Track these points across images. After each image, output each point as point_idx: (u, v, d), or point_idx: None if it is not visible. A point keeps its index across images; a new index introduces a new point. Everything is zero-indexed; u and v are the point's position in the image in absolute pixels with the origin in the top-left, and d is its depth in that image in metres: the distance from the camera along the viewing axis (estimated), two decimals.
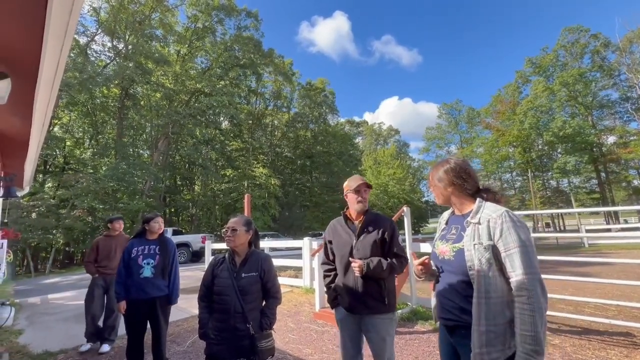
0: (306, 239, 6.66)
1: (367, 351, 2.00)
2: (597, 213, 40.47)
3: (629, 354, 2.98)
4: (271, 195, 27.37)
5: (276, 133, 36.89)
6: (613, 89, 33.64)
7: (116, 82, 20.12)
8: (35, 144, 3.18)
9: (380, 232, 2.00)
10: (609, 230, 19.53)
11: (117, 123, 22.09)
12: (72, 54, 19.00)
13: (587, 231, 16.41)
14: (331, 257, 2.17)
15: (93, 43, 21.20)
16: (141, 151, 27.08)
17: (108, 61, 21.99)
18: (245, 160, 29.68)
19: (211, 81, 25.28)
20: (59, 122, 21.46)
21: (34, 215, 15.62)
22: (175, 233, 16.15)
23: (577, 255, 8.77)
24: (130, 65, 19.96)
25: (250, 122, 32.39)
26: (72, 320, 5.01)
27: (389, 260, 1.93)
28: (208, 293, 1.88)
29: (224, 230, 1.92)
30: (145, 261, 2.75)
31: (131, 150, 24.17)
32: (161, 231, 2.94)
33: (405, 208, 5.26)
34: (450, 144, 46.79)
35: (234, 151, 30.65)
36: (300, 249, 6.89)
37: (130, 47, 21.02)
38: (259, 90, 34.84)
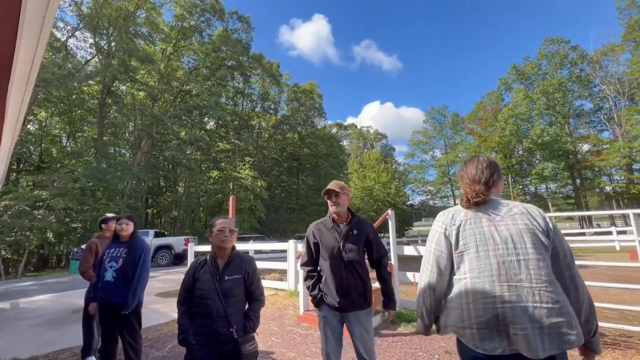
0: (291, 242, 6.63)
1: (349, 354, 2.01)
2: (572, 217, 42.10)
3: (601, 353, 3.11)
4: (257, 197, 27.13)
5: (263, 135, 36.67)
6: (587, 100, 35.36)
7: (97, 79, 19.54)
8: (8, 142, 3.04)
9: (364, 235, 2.19)
10: (583, 234, 20.35)
11: (98, 121, 21.42)
12: (50, 49, 18.37)
13: (563, 235, 17.05)
14: (314, 258, 2.22)
15: (74, 39, 20.55)
16: (123, 151, 26.35)
17: (89, 57, 21.35)
18: (231, 162, 29.33)
19: (197, 81, 24.92)
20: (34, 119, 20.62)
21: (5, 216, 14.91)
22: (157, 235, 15.76)
23: None
24: (114, 62, 19.43)
25: (237, 123, 32.08)
26: (45, 326, 4.79)
27: (383, 275, 2.22)
28: (188, 297, 1.82)
29: (219, 230, 1.86)
30: (110, 264, 2.63)
31: (112, 149, 23.48)
32: (125, 233, 2.79)
33: (389, 211, 5.31)
34: (435, 148, 47.73)
35: (220, 152, 30.25)
36: (285, 251, 6.85)
37: (113, 44, 20.47)
38: (246, 92, 34.60)
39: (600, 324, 3.51)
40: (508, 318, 1.13)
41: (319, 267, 2.20)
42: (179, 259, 14.70)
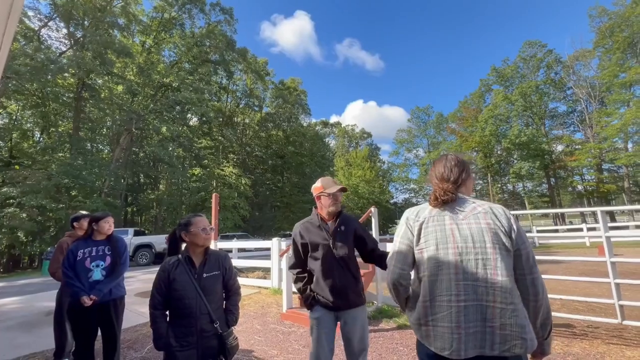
0: (275, 240, 6.61)
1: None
2: (547, 215, 43.98)
3: (569, 343, 3.27)
4: (241, 195, 26.82)
5: (247, 132, 36.23)
6: (562, 102, 36.96)
7: (72, 71, 18.70)
8: None
9: (352, 230, 2.18)
10: (556, 230, 21.28)
11: (73, 116, 20.54)
12: (20, 39, 17.46)
13: (538, 232, 17.77)
14: (303, 259, 2.15)
15: (47, 29, 19.56)
16: (101, 147, 25.42)
17: (64, 49, 20.39)
18: (215, 159, 28.84)
19: (179, 76, 24.29)
20: (3, 112, 19.56)
21: None
22: (137, 234, 15.31)
23: None
24: (89, 54, 18.64)
25: (221, 119, 31.54)
26: (16, 329, 4.58)
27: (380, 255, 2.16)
28: (163, 300, 1.78)
29: (202, 228, 1.85)
30: (93, 264, 2.57)
31: (89, 145, 22.60)
32: (111, 232, 2.76)
33: (373, 209, 5.39)
34: (418, 147, 48.61)
35: (203, 149, 29.68)
36: (269, 249, 6.82)
37: (88, 35, 19.62)
38: (230, 88, 34.04)
39: (570, 316, 3.70)
40: (461, 316, 1.13)
41: (308, 268, 2.15)
42: (160, 257, 14.35)
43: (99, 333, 2.60)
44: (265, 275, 7.83)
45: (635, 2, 27.10)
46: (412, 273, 1.34)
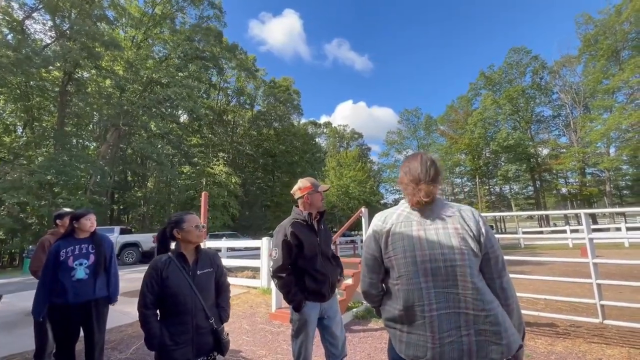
0: (264, 239, 6.56)
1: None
2: (532, 217, 45.03)
3: (552, 342, 3.35)
4: (231, 194, 26.57)
5: (238, 130, 35.92)
6: (548, 107, 37.91)
7: (58, 64, 18.17)
8: None
9: (328, 227, 2.41)
10: (541, 232, 21.79)
11: (58, 110, 19.95)
12: (4, 29, 16.90)
13: (524, 233, 18.17)
14: (291, 260, 2.12)
15: (31, 20, 18.95)
16: (87, 142, 24.82)
17: (49, 41, 19.80)
18: (205, 157, 28.50)
19: (169, 72, 23.88)
20: None
21: None
22: (123, 232, 14.98)
23: (514, 255, 9.66)
24: (76, 47, 18.13)
25: (211, 117, 31.16)
26: None
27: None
28: (155, 299, 1.75)
29: (195, 226, 1.86)
30: (76, 262, 2.51)
31: (74, 140, 22.03)
32: (93, 229, 2.70)
33: (363, 209, 5.40)
34: (408, 149, 49.06)
35: (193, 147, 29.29)
36: (259, 249, 6.77)
37: (75, 27, 19.07)
38: (221, 85, 33.68)
39: (553, 315, 3.79)
40: (435, 326, 1.10)
41: (300, 266, 2.15)
42: (147, 256, 14.08)
43: (81, 334, 2.53)
44: (254, 275, 7.77)
45: (619, 12, 27.98)
46: (381, 277, 1.32)
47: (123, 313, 4.86)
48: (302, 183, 2.28)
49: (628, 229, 14.84)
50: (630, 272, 7.08)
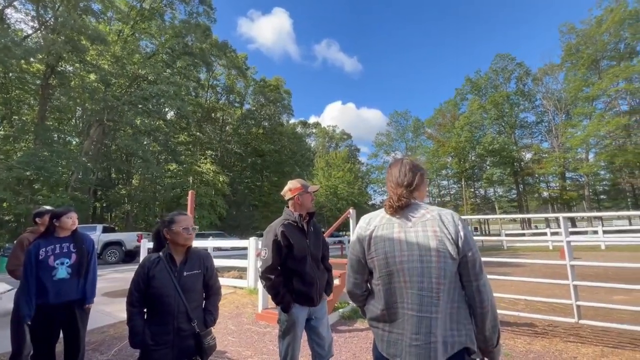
0: (252, 239, 6.52)
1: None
2: (515, 219, 46.23)
3: (531, 341, 3.46)
4: (218, 192, 26.25)
5: (227, 128, 35.53)
6: (531, 112, 39.08)
7: (40, 56, 17.57)
8: None
9: (320, 231, 2.35)
10: (523, 234, 22.42)
11: (39, 103, 19.28)
12: None
13: (507, 235, 18.66)
14: (280, 261, 2.11)
15: (12, 9, 18.27)
16: (69, 138, 24.08)
17: (30, 31, 19.12)
18: (192, 155, 28.08)
19: (156, 67, 23.42)
20: None
21: None
22: (106, 230, 14.61)
23: (497, 256, 9.92)
24: (60, 39, 17.57)
25: (199, 115, 30.71)
26: None
27: (328, 267, 2.36)
28: (141, 297, 1.75)
29: (184, 228, 1.82)
30: (58, 261, 2.43)
31: (56, 135, 21.35)
32: (75, 227, 2.63)
33: (351, 210, 5.44)
34: (396, 150, 49.63)
35: (180, 144, 28.79)
36: (246, 248, 6.72)
37: (60, 18, 18.46)
38: (210, 83, 33.25)
39: (532, 315, 3.91)
40: (409, 327, 1.13)
41: (289, 268, 2.15)
42: (130, 256, 13.78)
43: (61, 335, 2.46)
44: (241, 275, 7.71)
45: (600, 23, 29.08)
46: (365, 278, 1.37)
47: (105, 313, 4.75)
48: (292, 184, 2.29)
49: (604, 232, 15.43)
50: (605, 274, 7.37)
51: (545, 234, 17.30)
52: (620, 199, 33.72)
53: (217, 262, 8.37)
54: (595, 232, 15.51)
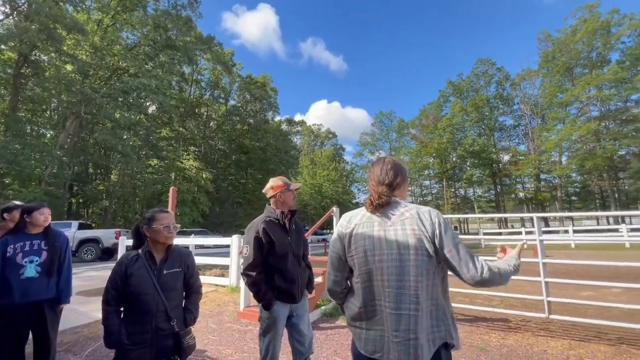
0: (235, 237, 6.47)
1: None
2: (493, 219, 47.81)
3: (505, 336, 3.61)
4: (201, 189, 25.77)
5: (211, 124, 34.89)
6: (509, 116, 40.55)
7: (12, 44, 16.67)
8: None
9: (302, 229, 2.39)
10: (500, 233, 23.20)
11: (11, 93, 18.29)
12: None
13: (485, 234, 19.28)
14: (262, 258, 2.11)
15: None
16: (43, 130, 23.00)
17: (1, 17, 18.09)
18: (174, 151, 27.41)
19: (137, 60, 22.67)
20: None
21: None
22: (82, 227, 14.06)
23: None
24: (34, 27, 16.70)
25: (183, 110, 29.99)
26: None
27: (309, 265, 2.41)
28: (117, 295, 1.70)
29: (165, 226, 1.78)
30: (26, 259, 2.33)
31: (29, 128, 20.35)
32: (47, 224, 2.52)
33: (334, 208, 5.48)
34: (381, 150, 50.24)
35: (162, 140, 28.03)
36: (228, 246, 6.66)
37: (34, 5, 17.53)
38: (195, 78, 32.52)
39: (506, 311, 4.08)
40: (388, 324, 1.15)
41: (270, 265, 2.15)
42: (107, 253, 13.32)
43: (30, 335, 2.36)
44: (223, 273, 7.62)
45: (574, 32, 30.40)
46: (345, 275, 1.38)
47: (79, 313, 4.59)
48: (274, 182, 2.30)
49: (575, 231, 16.21)
50: (574, 271, 7.75)
51: (520, 232, 17.97)
52: (590, 200, 35.56)
53: (199, 260, 8.27)
54: (567, 232, 16.27)
